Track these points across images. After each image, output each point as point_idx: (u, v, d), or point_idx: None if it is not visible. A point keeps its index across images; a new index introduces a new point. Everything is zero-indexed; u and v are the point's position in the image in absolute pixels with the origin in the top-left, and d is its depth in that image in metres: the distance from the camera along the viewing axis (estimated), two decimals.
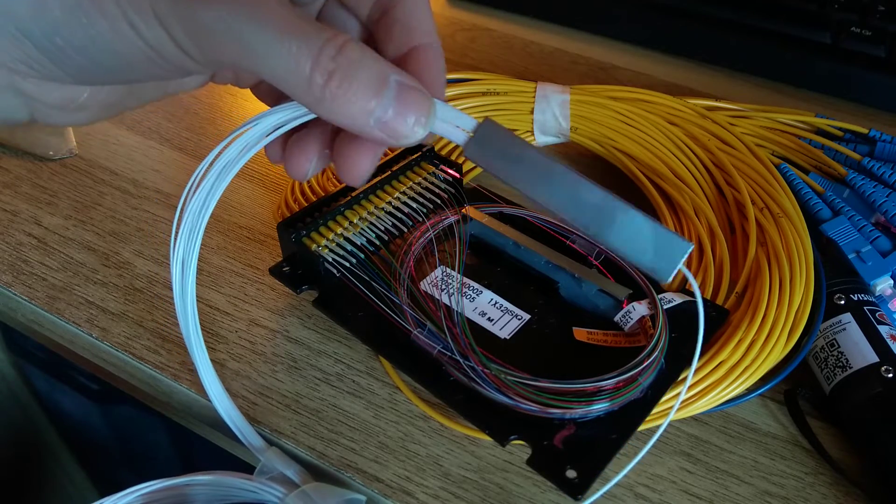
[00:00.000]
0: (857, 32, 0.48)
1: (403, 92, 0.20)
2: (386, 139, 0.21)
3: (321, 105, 0.20)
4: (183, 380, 0.32)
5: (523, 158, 0.23)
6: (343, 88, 0.20)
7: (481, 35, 0.56)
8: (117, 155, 0.43)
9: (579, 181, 0.22)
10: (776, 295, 0.32)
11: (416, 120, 0.21)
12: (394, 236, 0.34)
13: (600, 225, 0.22)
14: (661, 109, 0.41)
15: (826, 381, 0.31)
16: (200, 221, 0.25)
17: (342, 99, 0.20)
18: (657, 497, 0.29)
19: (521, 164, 0.23)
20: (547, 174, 0.23)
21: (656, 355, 0.28)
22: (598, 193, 0.22)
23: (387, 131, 0.21)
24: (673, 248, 0.22)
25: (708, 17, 0.52)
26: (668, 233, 0.22)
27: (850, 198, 0.37)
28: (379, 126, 0.20)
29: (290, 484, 0.29)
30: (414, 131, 0.21)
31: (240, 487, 0.29)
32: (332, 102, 0.20)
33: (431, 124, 0.21)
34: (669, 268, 0.22)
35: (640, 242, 0.22)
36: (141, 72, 0.21)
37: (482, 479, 0.29)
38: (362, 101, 0.20)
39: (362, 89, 0.20)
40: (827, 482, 0.29)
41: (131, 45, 0.20)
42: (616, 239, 0.22)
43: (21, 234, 0.38)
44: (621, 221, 0.22)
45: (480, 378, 0.27)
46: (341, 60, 0.19)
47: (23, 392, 0.57)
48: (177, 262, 0.25)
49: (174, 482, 0.29)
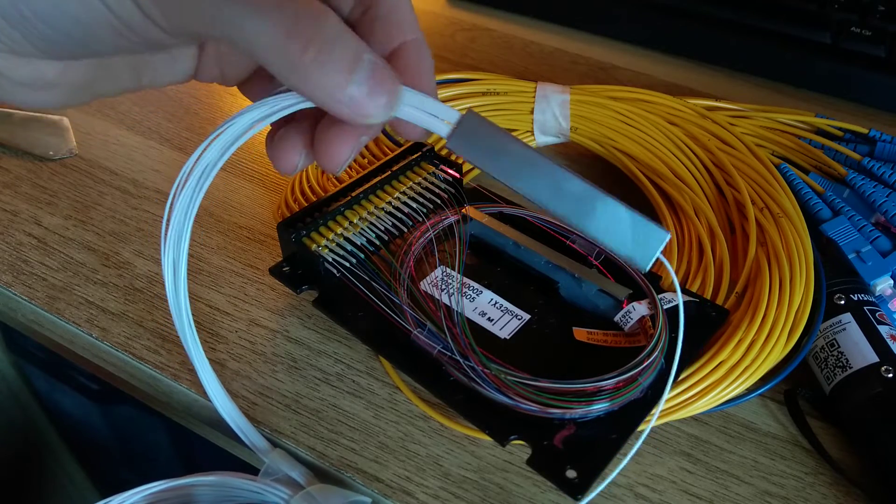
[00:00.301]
0: (857, 32, 0.48)
1: (377, 71, 0.20)
2: (352, 116, 0.21)
3: (296, 74, 0.20)
4: (183, 380, 0.32)
5: (505, 150, 0.23)
6: (320, 60, 0.19)
7: (481, 35, 0.56)
8: (117, 155, 0.43)
9: (560, 172, 0.23)
10: (776, 295, 0.32)
11: (386, 101, 0.21)
12: (394, 236, 0.34)
13: (581, 214, 0.23)
14: (661, 109, 0.41)
15: (826, 381, 0.31)
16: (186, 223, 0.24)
17: (318, 70, 0.19)
18: (657, 497, 0.29)
19: (503, 156, 0.23)
20: (528, 165, 0.23)
21: (656, 355, 0.28)
22: (578, 183, 0.23)
23: (355, 109, 0.20)
24: (651, 236, 0.23)
25: (708, 17, 0.52)
26: (647, 221, 0.23)
27: (850, 198, 0.37)
28: (350, 103, 0.20)
29: (295, 485, 0.29)
30: (382, 112, 0.21)
31: (245, 488, 0.29)
32: (307, 72, 0.19)
33: (398, 108, 0.21)
34: (648, 256, 0.23)
35: (619, 231, 0.23)
36: (107, 43, 0.20)
37: (482, 479, 0.29)
38: (338, 74, 0.20)
39: (338, 62, 0.19)
40: (827, 482, 0.29)
41: (96, 13, 0.19)
42: (596, 228, 0.23)
43: (21, 234, 0.38)
44: (601, 211, 0.23)
45: (480, 378, 0.27)
46: (319, 30, 0.19)
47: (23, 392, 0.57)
48: (168, 264, 0.25)
49: (179, 482, 0.29)
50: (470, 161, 0.23)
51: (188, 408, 0.33)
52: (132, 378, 0.34)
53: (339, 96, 0.20)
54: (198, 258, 0.37)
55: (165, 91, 0.48)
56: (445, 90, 0.43)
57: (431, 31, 0.56)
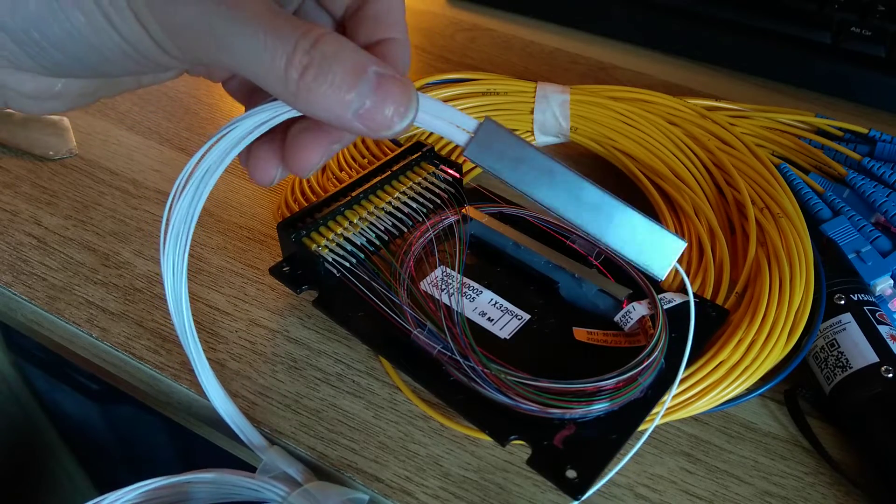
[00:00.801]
0: (857, 32, 0.48)
1: (383, 82, 0.20)
2: (367, 131, 0.21)
3: (297, 99, 0.20)
4: (183, 380, 0.32)
5: (524, 159, 0.23)
6: (318, 82, 0.20)
7: (481, 35, 0.56)
8: (117, 155, 0.43)
9: (578, 181, 0.23)
10: (776, 295, 0.32)
11: (394, 111, 0.20)
12: (394, 236, 0.34)
13: (599, 224, 0.23)
14: (661, 109, 0.41)
15: (826, 381, 0.31)
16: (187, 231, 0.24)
17: (317, 92, 0.20)
18: (657, 497, 0.29)
19: (521, 165, 0.23)
20: (547, 175, 0.23)
21: (656, 355, 0.28)
22: (596, 193, 0.23)
23: (366, 123, 0.20)
24: (667, 246, 0.23)
25: (708, 17, 0.52)
26: (663, 231, 0.23)
27: (850, 198, 0.37)
28: (358, 118, 0.20)
29: (293, 482, 0.29)
30: (393, 122, 0.21)
31: (242, 486, 0.29)
32: (308, 96, 0.20)
33: (413, 116, 0.21)
34: (664, 265, 0.23)
35: (636, 241, 0.23)
36: (117, 66, 0.21)
37: (482, 479, 0.29)
38: (338, 93, 0.20)
39: (338, 81, 0.20)
40: (827, 482, 0.29)
41: (108, 41, 0.20)
42: (614, 238, 0.23)
43: (21, 234, 0.38)
44: (619, 220, 0.23)
45: (480, 378, 0.27)
46: (316, 54, 0.19)
47: (23, 392, 0.57)
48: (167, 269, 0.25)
49: (176, 480, 0.29)
50: (487, 170, 0.23)
51: (188, 408, 0.33)
52: (132, 378, 0.34)
53: (344, 113, 0.20)
54: (198, 258, 0.37)
55: (165, 91, 0.48)
56: (445, 90, 0.43)
57: (431, 31, 0.56)
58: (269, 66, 0.19)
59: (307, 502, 0.28)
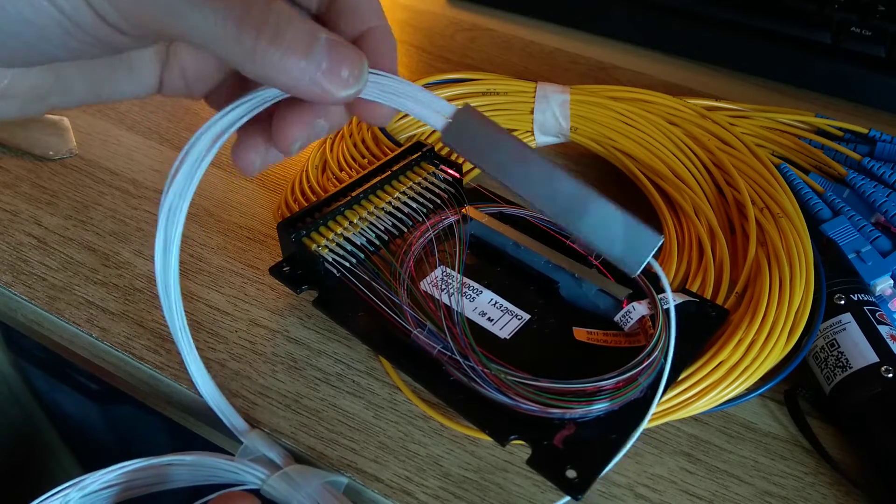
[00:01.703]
0: (857, 32, 0.48)
1: (334, 47, 0.21)
2: (322, 95, 0.21)
3: (253, 62, 0.20)
4: (183, 380, 0.32)
5: (500, 146, 0.23)
6: (275, 45, 0.20)
7: (481, 35, 0.56)
8: (117, 155, 0.43)
9: (554, 171, 0.23)
10: (776, 295, 0.32)
11: (349, 73, 0.21)
12: (394, 236, 0.34)
13: (573, 214, 0.23)
14: (661, 109, 0.41)
15: (826, 381, 0.31)
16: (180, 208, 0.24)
17: (274, 55, 0.20)
18: (657, 497, 0.29)
19: (497, 152, 0.23)
20: (522, 163, 0.23)
21: (656, 355, 0.28)
22: (571, 183, 0.23)
23: (322, 86, 0.21)
24: (643, 240, 0.22)
25: (708, 17, 0.52)
26: (639, 225, 0.22)
27: (850, 198, 0.37)
28: (314, 82, 0.20)
29: (273, 466, 0.29)
30: (349, 83, 0.21)
31: (221, 468, 0.29)
32: (264, 57, 0.20)
33: (365, 77, 0.22)
34: (638, 260, 0.22)
35: (610, 234, 0.22)
36: (59, 45, 0.20)
37: (482, 479, 0.29)
38: (294, 56, 0.20)
39: (293, 45, 0.20)
40: (827, 482, 0.29)
41: (45, 14, 0.19)
42: (587, 229, 0.23)
43: (21, 234, 0.38)
44: (593, 212, 0.22)
45: (480, 378, 0.27)
46: (270, 17, 0.20)
47: (23, 392, 0.57)
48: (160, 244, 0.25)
49: (156, 461, 0.29)
50: (462, 155, 0.23)
51: (188, 408, 0.33)
52: (132, 378, 0.34)
53: (298, 75, 0.20)
54: (198, 258, 0.37)
55: None
56: (445, 90, 0.43)
57: (431, 31, 0.56)
58: (221, 28, 0.19)
59: (286, 485, 0.28)
